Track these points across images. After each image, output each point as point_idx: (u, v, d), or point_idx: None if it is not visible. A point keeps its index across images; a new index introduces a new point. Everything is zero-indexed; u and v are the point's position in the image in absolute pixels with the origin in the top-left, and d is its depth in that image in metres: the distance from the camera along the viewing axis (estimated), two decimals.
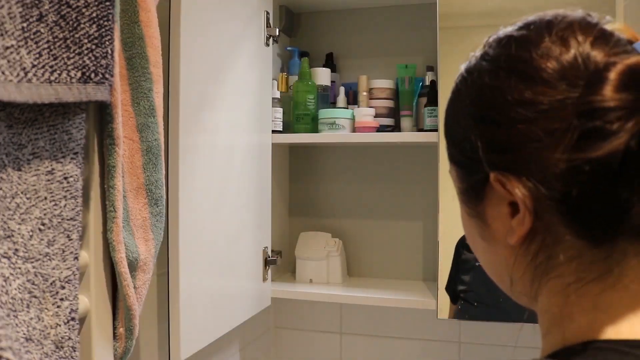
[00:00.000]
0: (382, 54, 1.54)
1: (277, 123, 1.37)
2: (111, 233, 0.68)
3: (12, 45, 0.50)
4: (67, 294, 0.60)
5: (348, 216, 1.56)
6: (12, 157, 0.53)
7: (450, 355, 1.47)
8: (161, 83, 0.78)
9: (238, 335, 1.33)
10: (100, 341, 0.69)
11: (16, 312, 0.53)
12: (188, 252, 0.93)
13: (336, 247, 1.45)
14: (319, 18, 1.59)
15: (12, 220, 0.53)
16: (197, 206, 0.97)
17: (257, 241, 1.26)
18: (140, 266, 0.74)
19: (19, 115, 0.54)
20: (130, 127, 0.74)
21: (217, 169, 1.04)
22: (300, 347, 1.59)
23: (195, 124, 0.96)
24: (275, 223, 1.42)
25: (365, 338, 1.54)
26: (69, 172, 0.60)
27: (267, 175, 1.31)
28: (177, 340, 0.91)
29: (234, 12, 1.12)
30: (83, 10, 0.58)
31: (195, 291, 0.96)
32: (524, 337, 1.40)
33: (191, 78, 0.93)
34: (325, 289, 1.38)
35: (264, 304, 1.32)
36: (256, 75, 1.24)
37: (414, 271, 1.51)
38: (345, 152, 1.56)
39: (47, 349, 0.57)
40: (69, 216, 0.61)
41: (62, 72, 0.56)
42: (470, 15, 1.32)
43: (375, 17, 1.54)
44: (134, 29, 0.73)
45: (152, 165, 0.76)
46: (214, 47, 1.03)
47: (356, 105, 1.44)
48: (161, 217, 0.79)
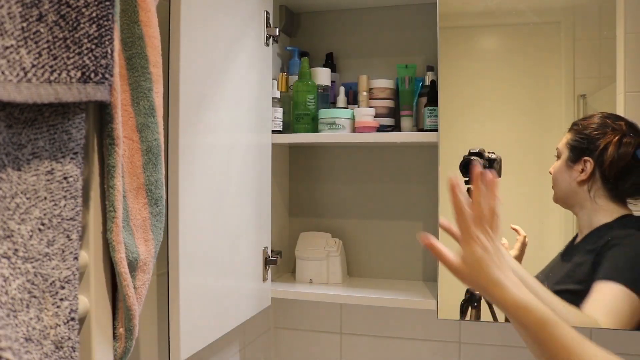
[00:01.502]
0: (382, 54, 1.54)
1: (277, 123, 1.37)
2: (111, 233, 0.68)
3: (11, 45, 0.50)
4: (67, 294, 0.60)
5: (348, 216, 1.56)
6: (11, 157, 0.53)
7: (450, 355, 1.47)
8: (161, 83, 0.78)
9: (238, 335, 1.33)
10: (100, 341, 0.69)
11: (16, 312, 0.53)
12: (188, 252, 0.93)
13: (336, 247, 1.45)
14: (319, 18, 1.59)
15: (11, 220, 0.53)
16: (197, 206, 0.97)
17: (257, 241, 1.26)
18: (140, 266, 0.74)
19: (19, 115, 0.54)
20: (130, 127, 0.73)
21: (217, 169, 1.04)
22: (300, 347, 1.59)
23: (195, 123, 0.96)
24: (275, 223, 1.42)
25: (365, 338, 1.54)
26: (68, 172, 0.60)
27: (267, 175, 1.31)
28: (177, 340, 0.90)
29: (234, 12, 1.12)
30: (83, 10, 0.58)
31: (195, 291, 0.96)
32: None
33: (191, 78, 0.93)
34: (325, 289, 1.38)
35: (264, 304, 1.32)
36: (256, 75, 1.24)
37: (414, 271, 1.51)
38: (345, 152, 1.56)
39: (47, 349, 0.57)
40: (69, 216, 0.60)
41: (62, 72, 0.56)
42: (470, 15, 1.32)
43: (375, 17, 1.54)
44: (134, 29, 0.73)
45: (152, 165, 0.76)
46: (214, 47, 1.03)
47: (356, 105, 1.44)
48: (161, 217, 0.79)
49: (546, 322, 0.69)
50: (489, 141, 1.28)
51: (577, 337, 0.68)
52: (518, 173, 1.28)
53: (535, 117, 1.28)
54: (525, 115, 1.29)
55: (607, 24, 1.24)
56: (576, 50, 1.25)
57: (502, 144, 1.27)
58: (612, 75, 1.23)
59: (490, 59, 1.33)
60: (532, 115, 1.29)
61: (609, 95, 1.24)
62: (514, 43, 1.30)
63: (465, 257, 0.77)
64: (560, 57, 1.26)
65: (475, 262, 0.76)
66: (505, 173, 1.25)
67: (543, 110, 1.28)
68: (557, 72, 1.27)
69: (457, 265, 0.78)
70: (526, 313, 0.71)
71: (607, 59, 1.24)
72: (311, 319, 1.58)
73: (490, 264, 0.75)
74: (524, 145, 1.29)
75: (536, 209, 1.28)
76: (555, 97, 1.27)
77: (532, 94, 1.28)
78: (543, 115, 1.28)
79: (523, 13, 1.26)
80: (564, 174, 1.13)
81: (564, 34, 1.26)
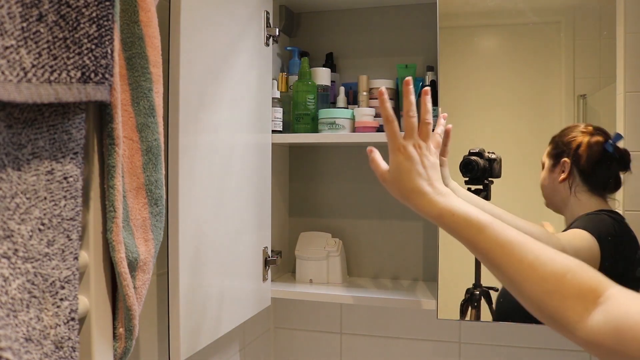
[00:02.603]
0: (382, 54, 1.54)
1: (277, 123, 1.37)
2: (111, 233, 0.68)
3: (11, 45, 0.50)
4: (67, 294, 0.60)
5: (348, 216, 1.56)
6: (11, 157, 0.53)
7: (450, 355, 1.47)
8: (161, 83, 0.78)
9: (238, 335, 1.33)
10: (100, 341, 0.69)
11: (16, 312, 0.53)
12: (188, 252, 0.93)
13: (336, 247, 1.45)
14: (319, 18, 1.59)
15: (11, 220, 0.53)
16: (197, 206, 0.97)
17: (257, 241, 1.26)
18: (140, 266, 0.74)
19: (19, 115, 0.54)
20: (130, 127, 0.73)
21: (217, 168, 1.04)
22: (300, 347, 1.59)
23: (195, 123, 0.96)
24: (275, 223, 1.42)
25: (365, 338, 1.54)
26: (68, 172, 0.60)
27: (267, 175, 1.31)
28: (177, 340, 0.91)
29: (234, 12, 1.12)
30: (83, 10, 0.58)
31: (195, 291, 0.96)
32: (524, 337, 1.40)
33: (191, 78, 0.93)
34: (325, 289, 1.38)
35: (264, 304, 1.32)
36: (256, 75, 1.24)
37: (414, 271, 1.51)
38: (345, 152, 1.56)
39: (47, 349, 0.57)
40: (69, 216, 0.60)
41: (62, 72, 0.56)
42: (470, 15, 1.32)
43: (375, 17, 1.54)
44: (134, 29, 0.73)
45: (152, 165, 0.76)
46: (214, 46, 1.03)
47: (356, 105, 1.44)
48: (161, 217, 0.79)
49: (476, 223, 0.67)
50: (489, 141, 1.28)
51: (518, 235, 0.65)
52: (518, 173, 1.28)
53: (535, 117, 1.28)
54: (525, 115, 1.29)
55: (607, 24, 1.24)
56: (576, 50, 1.25)
57: (502, 144, 1.27)
58: (612, 75, 1.23)
59: (490, 59, 1.33)
60: (532, 115, 1.29)
61: (609, 95, 1.24)
62: (514, 43, 1.30)
63: (390, 166, 0.78)
64: (560, 57, 1.26)
65: (397, 170, 0.76)
66: (505, 173, 1.25)
67: (543, 110, 1.28)
68: (557, 72, 1.27)
69: (384, 173, 0.79)
70: (452, 217, 0.69)
71: (607, 59, 1.24)
72: (311, 319, 1.58)
73: (412, 173, 0.75)
74: (524, 145, 1.29)
75: (536, 208, 1.28)
76: (555, 97, 1.27)
77: (532, 94, 1.28)
78: (543, 115, 1.28)
79: (523, 13, 1.26)
80: (548, 179, 1.21)
81: (564, 34, 1.26)
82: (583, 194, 1.17)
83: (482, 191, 1.25)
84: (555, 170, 1.19)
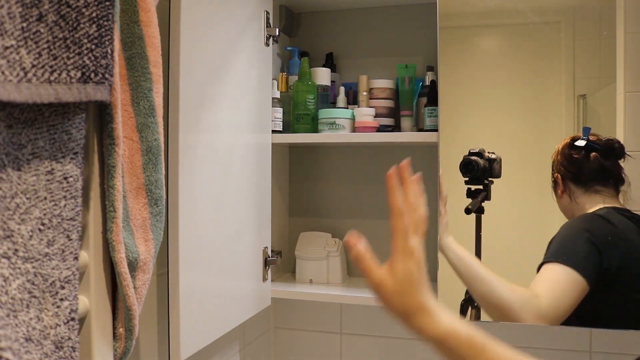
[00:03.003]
0: (382, 54, 1.54)
1: (277, 123, 1.37)
2: (111, 233, 0.68)
3: (11, 45, 0.50)
4: (67, 294, 0.60)
5: (348, 216, 1.56)
6: (11, 157, 0.53)
7: None
8: (161, 83, 0.78)
9: (238, 335, 1.33)
10: (100, 341, 0.69)
11: (16, 312, 0.53)
12: (188, 252, 0.93)
13: (336, 247, 1.45)
14: (319, 18, 1.59)
15: (11, 220, 0.53)
16: (197, 206, 0.97)
17: (257, 241, 1.26)
18: (140, 266, 0.74)
19: (19, 115, 0.54)
20: (130, 127, 0.73)
21: (217, 168, 1.04)
22: (300, 347, 1.59)
23: (195, 123, 0.96)
24: (275, 223, 1.42)
25: (365, 338, 1.54)
26: (68, 172, 0.60)
27: (267, 175, 1.31)
28: (177, 340, 0.90)
29: (234, 12, 1.12)
30: (83, 10, 0.58)
31: (195, 291, 0.96)
32: (524, 338, 1.40)
33: (191, 78, 0.93)
34: (325, 289, 1.38)
35: (264, 304, 1.32)
36: (256, 75, 1.24)
37: None
38: (345, 152, 1.56)
39: (47, 349, 0.57)
40: (69, 216, 0.60)
41: (62, 72, 0.56)
42: (470, 15, 1.32)
43: (375, 17, 1.54)
44: (134, 29, 0.73)
45: (152, 165, 0.76)
46: (214, 46, 1.03)
47: (356, 105, 1.44)
48: (161, 217, 0.79)
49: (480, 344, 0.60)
50: (489, 141, 1.28)
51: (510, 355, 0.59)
52: (518, 173, 1.28)
53: (535, 117, 1.28)
54: (525, 115, 1.29)
55: (607, 24, 1.24)
56: (576, 50, 1.25)
57: (502, 144, 1.27)
58: (612, 75, 1.23)
59: (490, 59, 1.33)
60: (533, 115, 1.29)
61: (609, 95, 1.24)
62: (514, 43, 1.30)
63: (397, 274, 0.64)
64: (560, 57, 1.26)
65: (408, 282, 0.63)
66: (505, 173, 1.25)
67: (543, 110, 1.28)
68: (557, 72, 1.27)
69: (383, 281, 0.65)
70: (456, 340, 0.61)
71: (607, 59, 1.24)
72: (311, 319, 1.58)
73: (422, 285, 0.63)
74: (524, 145, 1.29)
75: (536, 208, 1.28)
76: (555, 97, 1.27)
77: (532, 94, 1.28)
78: (543, 115, 1.28)
79: (523, 13, 1.26)
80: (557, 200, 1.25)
81: (564, 34, 1.26)
82: (580, 197, 1.21)
83: (482, 191, 1.25)
84: (557, 190, 1.23)
